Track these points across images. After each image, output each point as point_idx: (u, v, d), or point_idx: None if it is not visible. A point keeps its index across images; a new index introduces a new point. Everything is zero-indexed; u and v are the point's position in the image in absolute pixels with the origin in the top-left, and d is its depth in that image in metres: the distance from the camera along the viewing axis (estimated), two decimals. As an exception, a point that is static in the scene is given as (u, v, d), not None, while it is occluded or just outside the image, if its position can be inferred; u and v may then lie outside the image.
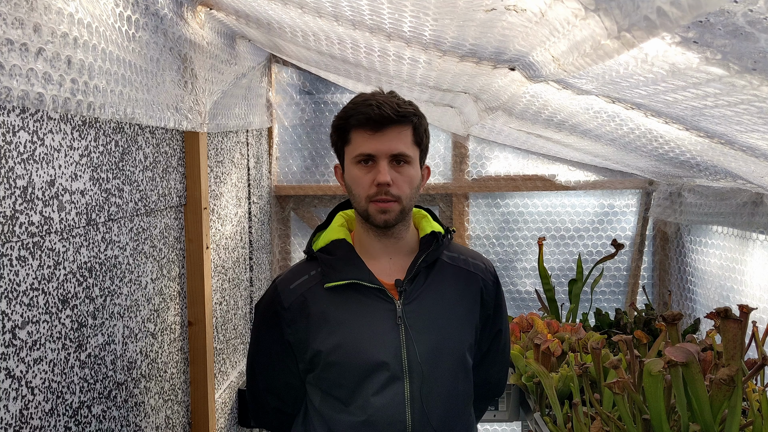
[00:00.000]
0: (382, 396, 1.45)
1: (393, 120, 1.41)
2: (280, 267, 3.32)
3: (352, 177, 1.47)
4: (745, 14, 0.75)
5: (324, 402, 1.50)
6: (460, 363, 1.51)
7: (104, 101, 1.36)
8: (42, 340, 1.29)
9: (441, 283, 1.53)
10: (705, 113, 1.34)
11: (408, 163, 1.45)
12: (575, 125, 2.12)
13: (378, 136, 1.42)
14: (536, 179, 3.27)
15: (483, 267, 1.61)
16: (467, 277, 1.57)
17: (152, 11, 1.63)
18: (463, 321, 1.53)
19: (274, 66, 3.22)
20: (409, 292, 1.49)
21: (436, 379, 1.47)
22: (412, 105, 1.47)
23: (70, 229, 1.39)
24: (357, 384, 1.45)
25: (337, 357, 1.45)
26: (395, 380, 1.45)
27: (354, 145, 1.45)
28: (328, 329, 1.47)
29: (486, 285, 1.59)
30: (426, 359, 1.46)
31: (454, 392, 1.50)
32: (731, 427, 1.33)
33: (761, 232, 2.21)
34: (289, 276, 1.56)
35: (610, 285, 3.32)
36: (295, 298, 1.50)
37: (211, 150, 2.31)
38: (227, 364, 2.54)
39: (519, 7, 1.14)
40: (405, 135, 1.44)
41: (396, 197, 1.44)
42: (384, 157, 1.42)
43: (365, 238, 1.53)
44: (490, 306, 1.60)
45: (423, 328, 1.47)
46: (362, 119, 1.42)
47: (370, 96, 1.45)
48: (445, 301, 1.52)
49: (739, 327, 1.31)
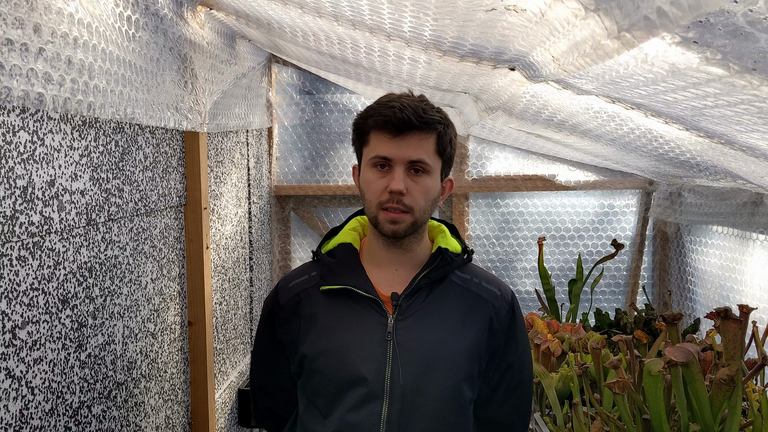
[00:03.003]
0: (357, 413, 1.35)
1: (414, 126, 1.32)
2: (280, 267, 3.32)
3: (365, 180, 1.38)
4: (745, 14, 0.75)
5: (306, 411, 1.43)
6: (451, 394, 1.37)
7: (104, 101, 1.36)
8: (42, 340, 1.29)
9: (444, 303, 1.41)
10: (705, 113, 1.34)
11: (426, 173, 1.36)
12: (575, 125, 2.12)
13: (397, 141, 1.33)
14: (536, 179, 3.27)
15: (497, 294, 1.46)
16: (475, 302, 1.44)
17: (152, 11, 1.63)
18: (464, 349, 1.40)
19: (274, 66, 3.22)
20: (405, 307, 1.39)
21: (419, 405, 1.35)
22: (440, 112, 1.38)
23: (70, 229, 1.39)
24: (335, 396, 1.37)
25: (319, 364, 1.38)
26: (373, 399, 1.34)
27: (371, 146, 1.37)
28: (315, 333, 1.40)
29: (498, 313, 1.44)
30: (410, 382, 1.34)
31: (441, 423, 1.37)
32: (731, 427, 1.33)
33: (761, 232, 2.21)
34: (292, 274, 1.51)
35: (610, 285, 3.32)
36: (291, 297, 1.45)
37: (211, 150, 2.31)
38: (227, 364, 2.54)
39: (519, 7, 1.14)
40: (427, 143, 1.34)
41: (408, 208, 1.34)
42: (401, 163, 1.33)
43: (374, 245, 1.45)
44: (500, 336, 1.44)
45: (413, 348, 1.36)
46: (380, 121, 1.34)
47: (395, 97, 1.36)
48: (445, 323, 1.40)
49: (739, 327, 1.31)
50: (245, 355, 2.81)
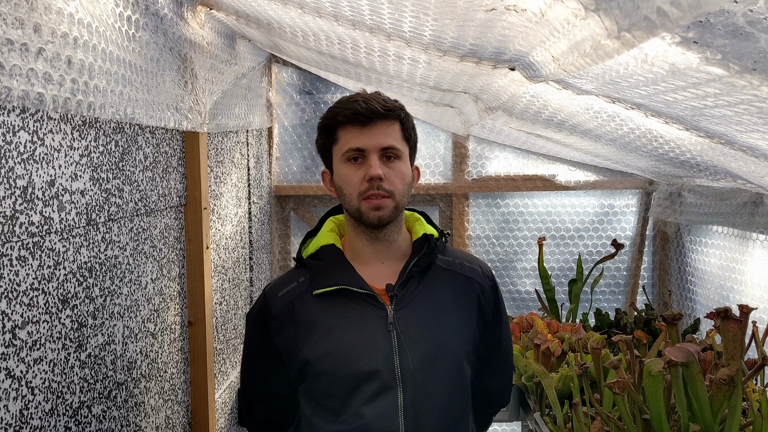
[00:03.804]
0: (374, 406, 1.39)
1: (381, 114, 1.40)
2: (280, 267, 3.32)
3: (341, 176, 1.43)
4: (745, 14, 0.75)
5: (315, 413, 1.45)
6: (456, 371, 1.45)
7: (104, 101, 1.36)
8: (42, 340, 1.29)
9: (435, 288, 1.48)
10: (705, 113, 1.34)
11: (398, 158, 1.43)
12: (575, 125, 2.12)
13: (367, 131, 1.40)
14: (536, 179, 3.27)
15: (480, 271, 1.55)
16: (464, 283, 1.51)
17: (152, 11, 1.63)
18: (460, 328, 1.47)
19: (274, 66, 3.22)
20: (401, 297, 1.44)
21: (430, 387, 1.41)
22: (398, 102, 1.46)
23: (70, 229, 1.39)
24: (348, 394, 1.40)
25: (326, 366, 1.41)
26: (387, 389, 1.39)
27: (342, 142, 1.43)
28: (316, 337, 1.42)
29: (483, 291, 1.53)
30: (420, 367, 1.40)
31: (449, 402, 1.44)
32: (731, 427, 1.33)
33: (761, 232, 2.21)
34: (278, 283, 1.52)
35: (610, 285, 3.32)
36: (283, 306, 1.46)
37: (211, 150, 2.31)
38: (227, 364, 2.55)
39: (519, 7, 1.14)
40: (394, 129, 1.43)
41: (389, 192, 1.40)
42: (374, 151, 1.40)
43: (356, 243, 1.49)
44: (488, 313, 1.54)
45: (416, 334, 1.42)
46: (350, 115, 1.41)
47: (354, 95, 1.45)
48: (440, 307, 1.46)
49: (739, 327, 1.31)
50: (245, 355, 2.82)
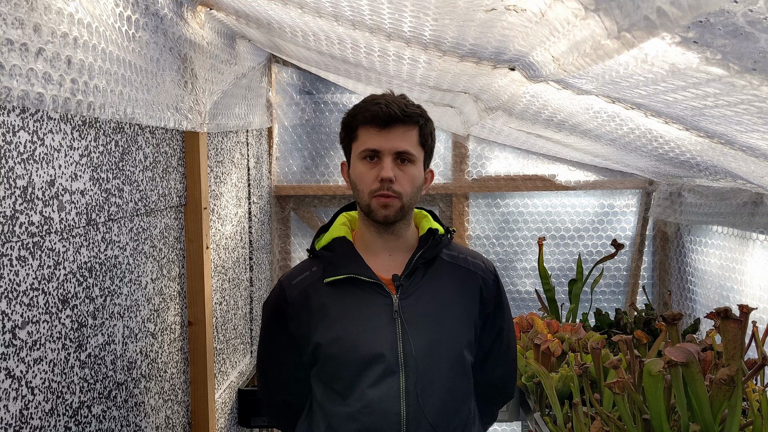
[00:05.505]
0: (378, 389, 1.48)
1: (399, 119, 1.47)
2: (280, 267, 3.32)
3: (357, 173, 1.52)
4: (745, 14, 0.75)
5: (325, 395, 1.54)
6: (457, 359, 1.53)
7: (104, 101, 1.36)
8: (42, 340, 1.29)
9: (439, 279, 1.57)
10: (705, 113, 1.34)
11: (412, 162, 1.50)
12: (575, 125, 2.12)
13: (384, 134, 1.48)
14: (536, 179, 3.27)
15: (482, 266, 1.64)
16: (466, 275, 1.60)
17: (152, 11, 1.63)
18: (462, 317, 1.56)
19: (274, 66, 3.22)
20: (406, 287, 1.53)
21: (432, 373, 1.50)
22: (420, 108, 1.53)
23: (70, 229, 1.39)
24: (354, 377, 1.49)
25: (335, 350, 1.50)
26: (391, 373, 1.48)
27: (360, 141, 1.51)
28: (327, 323, 1.52)
29: (486, 283, 1.62)
30: (421, 353, 1.49)
31: (450, 387, 1.52)
32: (731, 427, 1.33)
33: (761, 232, 2.21)
34: (292, 273, 1.62)
35: (610, 285, 3.32)
36: (298, 293, 1.56)
37: (211, 150, 2.31)
38: (227, 364, 2.54)
39: (519, 7, 1.14)
40: (410, 135, 1.50)
41: (397, 193, 1.49)
42: (388, 154, 1.48)
43: (367, 235, 1.58)
44: (490, 304, 1.62)
45: (419, 322, 1.51)
46: (369, 116, 1.48)
47: (380, 96, 1.51)
48: (443, 297, 1.55)
49: (739, 327, 1.31)
50: (245, 355, 2.82)
